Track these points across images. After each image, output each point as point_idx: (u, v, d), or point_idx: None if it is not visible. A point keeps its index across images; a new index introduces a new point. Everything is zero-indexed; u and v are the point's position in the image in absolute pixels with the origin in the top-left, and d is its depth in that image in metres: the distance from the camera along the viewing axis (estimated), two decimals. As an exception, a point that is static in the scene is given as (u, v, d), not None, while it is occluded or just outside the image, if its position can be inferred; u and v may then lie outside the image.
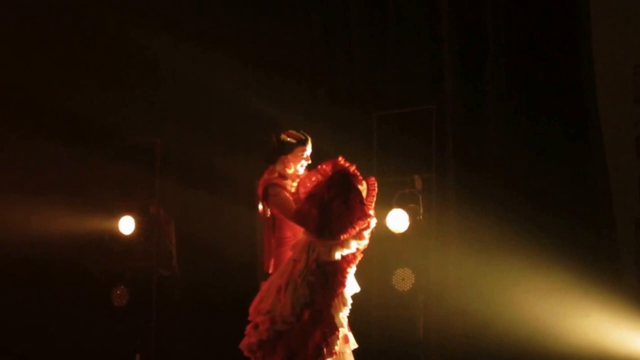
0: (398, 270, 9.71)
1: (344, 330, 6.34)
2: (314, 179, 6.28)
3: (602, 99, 10.24)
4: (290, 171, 6.61)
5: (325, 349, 6.15)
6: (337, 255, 6.20)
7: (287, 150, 6.57)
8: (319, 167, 6.30)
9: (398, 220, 9.52)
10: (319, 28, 11.32)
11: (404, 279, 9.70)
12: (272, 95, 10.76)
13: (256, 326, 6.32)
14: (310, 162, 6.63)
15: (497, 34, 10.48)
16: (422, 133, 10.29)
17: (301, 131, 6.63)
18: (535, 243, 9.57)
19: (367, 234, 6.29)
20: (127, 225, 10.85)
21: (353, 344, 6.52)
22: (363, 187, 6.26)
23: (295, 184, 6.52)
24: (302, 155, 6.61)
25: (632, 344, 9.26)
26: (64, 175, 11.24)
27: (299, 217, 6.23)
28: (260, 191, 6.54)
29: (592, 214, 9.94)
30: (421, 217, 9.67)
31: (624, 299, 9.45)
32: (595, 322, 9.36)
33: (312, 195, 6.20)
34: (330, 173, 6.23)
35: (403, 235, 9.55)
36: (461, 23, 10.73)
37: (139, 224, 10.87)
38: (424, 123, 10.33)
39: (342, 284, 6.25)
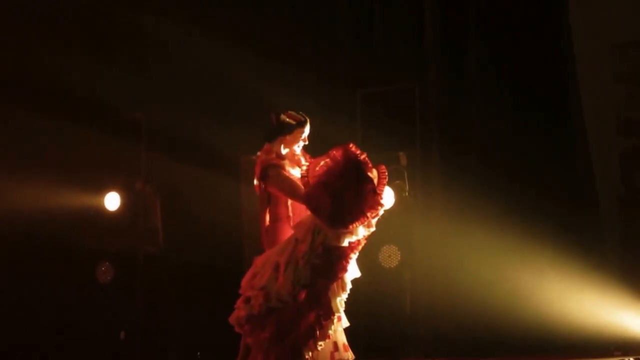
0: (384, 247, 9.63)
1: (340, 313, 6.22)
2: (322, 163, 6.15)
3: (583, 79, 10.17)
4: (286, 151, 6.49)
5: (318, 332, 6.02)
6: (346, 242, 6.09)
7: (287, 131, 6.45)
8: (330, 152, 6.15)
9: (384, 197, 9.25)
10: (303, 7, 11.14)
11: (390, 256, 9.65)
12: (257, 72, 10.57)
13: (248, 300, 6.18)
14: (307, 143, 6.52)
15: (479, 13, 10.37)
16: (406, 110, 10.22)
17: (300, 113, 6.50)
18: (519, 219, 9.49)
19: (374, 221, 6.17)
20: (112, 201, 10.67)
21: (345, 322, 6.39)
22: (373, 175, 6.14)
23: (303, 168, 6.35)
24: (301, 136, 6.50)
25: (615, 319, 9.21)
26: (49, 151, 10.98)
27: (311, 203, 6.09)
28: (258, 170, 6.41)
29: (575, 191, 9.91)
30: (406, 193, 9.54)
31: (608, 274, 9.42)
32: (579, 297, 9.28)
33: (324, 183, 6.05)
34: (341, 160, 6.09)
35: (389, 212, 9.30)
36: (443, 2, 10.58)
37: (124, 200, 10.69)
38: (408, 100, 10.27)
39: (345, 269, 6.13)
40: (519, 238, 9.39)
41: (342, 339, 6.31)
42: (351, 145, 6.12)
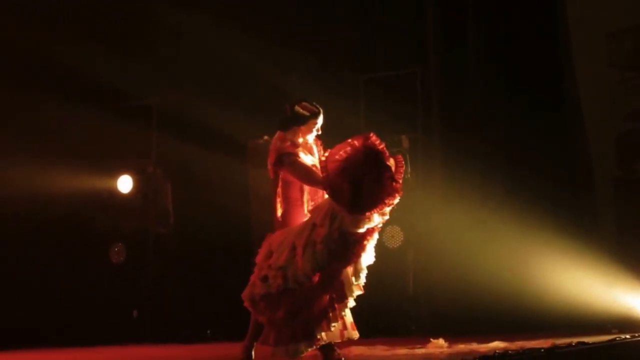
0: (387, 228, 9.58)
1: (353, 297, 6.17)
2: (342, 152, 6.04)
3: (579, 64, 10.12)
4: (300, 141, 6.40)
5: (331, 314, 5.99)
6: (362, 229, 6.01)
7: (301, 121, 6.35)
8: (349, 140, 6.06)
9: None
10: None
11: (393, 237, 9.66)
12: (264, 58, 10.52)
13: (265, 279, 6.13)
14: (320, 132, 6.45)
15: (477, 1, 10.23)
16: (408, 95, 10.23)
17: (314, 103, 6.40)
18: (518, 200, 9.44)
19: (388, 210, 6.06)
20: (125, 184, 10.68)
21: (351, 303, 6.25)
22: (391, 164, 6.04)
23: (316, 155, 6.37)
24: (314, 127, 6.40)
25: (611, 298, 9.14)
26: (64, 136, 10.89)
27: (330, 190, 6.02)
28: (272, 158, 6.32)
29: (571, 174, 9.87)
30: (409, 175, 9.46)
31: (602, 254, 9.35)
32: (576, 276, 9.20)
33: (343, 169, 5.97)
34: (361, 148, 6.00)
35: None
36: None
37: (136, 183, 10.68)
38: (410, 85, 10.30)
39: (358, 255, 6.06)
40: (517, 218, 9.32)
41: (349, 318, 6.26)
42: (371, 134, 6.04)
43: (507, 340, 7.50)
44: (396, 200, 6.00)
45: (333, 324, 6.00)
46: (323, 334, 5.99)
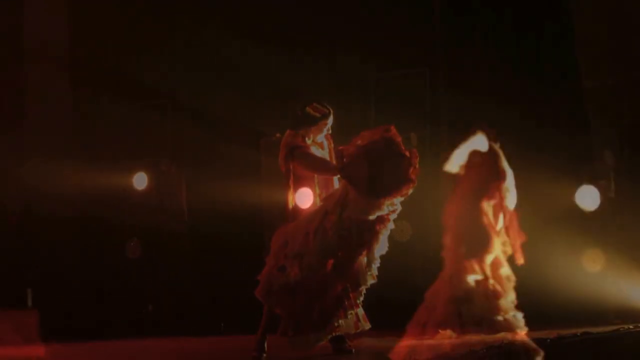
0: (396, 223, 9.49)
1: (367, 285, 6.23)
2: (360, 142, 6.16)
3: (583, 59, 10.08)
4: (310, 141, 6.47)
5: (346, 302, 6.05)
6: (372, 216, 6.08)
7: (312, 122, 6.43)
8: (367, 132, 6.21)
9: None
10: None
11: (402, 231, 9.56)
12: (276, 58, 10.57)
13: (283, 268, 6.18)
14: (331, 132, 6.52)
15: (484, 6, 10.29)
16: (416, 94, 10.30)
17: (324, 104, 6.48)
18: (523, 194, 9.34)
19: (397, 200, 6.15)
20: (140, 181, 10.77)
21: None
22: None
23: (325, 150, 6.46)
24: (325, 127, 6.49)
25: (614, 288, 9.08)
26: (81, 134, 11.11)
27: (347, 173, 6.09)
28: (283, 152, 6.38)
29: (576, 168, 9.78)
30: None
31: (607, 244, 9.37)
32: (579, 267, 9.23)
33: (363, 154, 6.08)
34: (381, 137, 6.12)
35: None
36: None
37: (151, 180, 10.78)
38: (419, 84, 10.36)
39: (370, 244, 6.13)
40: (524, 212, 9.27)
41: (360, 310, 6.30)
42: (391, 127, 6.14)
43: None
44: (410, 190, 6.02)
45: (350, 312, 6.05)
46: (341, 321, 6.03)
